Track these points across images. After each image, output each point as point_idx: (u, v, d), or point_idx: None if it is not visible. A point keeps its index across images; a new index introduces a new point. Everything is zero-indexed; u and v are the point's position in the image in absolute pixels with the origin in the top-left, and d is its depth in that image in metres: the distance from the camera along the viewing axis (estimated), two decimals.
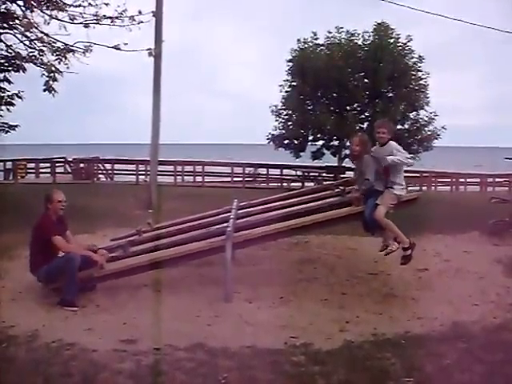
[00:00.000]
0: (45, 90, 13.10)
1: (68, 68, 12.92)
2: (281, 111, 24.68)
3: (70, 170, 27.81)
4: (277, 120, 24.77)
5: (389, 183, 6.25)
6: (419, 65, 23.47)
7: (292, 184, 24.27)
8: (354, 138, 6.72)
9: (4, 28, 13.24)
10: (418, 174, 26.81)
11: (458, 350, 4.63)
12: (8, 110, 15.59)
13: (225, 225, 6.65)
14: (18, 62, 13.76)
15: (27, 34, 12.69)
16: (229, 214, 7.34)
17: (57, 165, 27.32)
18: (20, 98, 15.46)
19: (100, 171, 27.67)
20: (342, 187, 7.59)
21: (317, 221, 6.66)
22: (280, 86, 24.78)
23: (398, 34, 23.30)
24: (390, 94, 23.58)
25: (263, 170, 27.48)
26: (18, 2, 12.69)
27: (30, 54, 13.21)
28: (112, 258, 6.72)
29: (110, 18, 12.71)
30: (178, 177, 25.57)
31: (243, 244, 6.56)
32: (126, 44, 12.68)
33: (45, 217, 6.26)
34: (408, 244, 6.14)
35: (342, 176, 22.30)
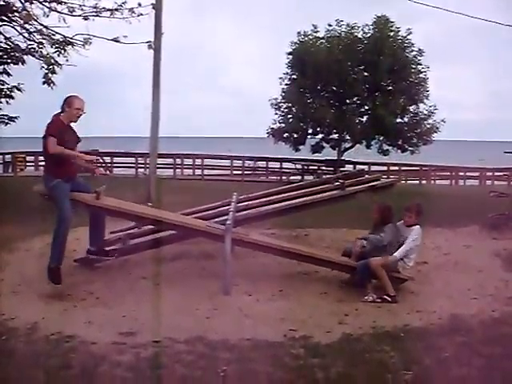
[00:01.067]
0: (44, 83, 13.07)
1: (67, 60, 12.90)
2: (280, 104, 24.64)
3: None
4: (276, 113, 24.75)
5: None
6: (419, 58, 23.44)
7: (291, 177, 24.27)
8: (374, 206, 6.59)
9: (3, 20, 13.19)
10: (417, 168, 26.84)
11: (457, 343, 4.65)
12: (7, 102, 15.56)
13: (224, 218, 6.65)
14: (17, 55, 13.72)
15: (26, 26, 12.66)
16: (228, 207, 7.34)
17: None
18: (19, 90, 15.41)
19: (99, 164, 27.62)
20: (341, 180, 7.59)
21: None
22: (280, 78, 24.77)
23: (398, 28, 23.27)
24: (390, 88, 23.53)
25: (263, 164, 27.46)
26: None
27: (29, 47, 13.17)
28: (112, 250, 6.76)
29: (110, 10, 12.68)
30: (178, 170, 25.54)
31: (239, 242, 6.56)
32: (125, 37, 12.67)
33: (56, 119, 5.99)
34: (393, 294, 5.95)
35: (342, 169, 22.32)
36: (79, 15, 12.55)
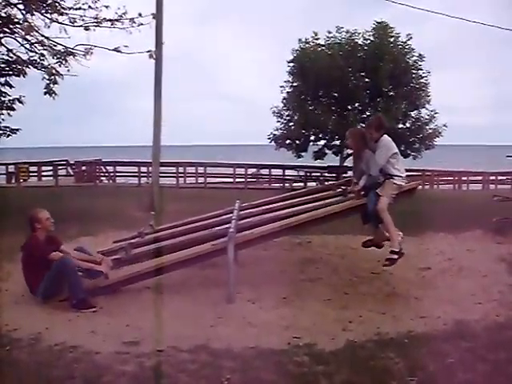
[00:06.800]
0: (45, 94, 13.13)
1: (68, 71, 12.95)
2: (282, 112, 24.71)
3: (72, 173, 27.90)
4: (278, 121, 24.80)
5: (388, 174, 6.27)
6: (419, 63, 23.48)
7: (294, 184, 24.27)
8: (346, 133, 6.83)
9: (5, 32, 13.25)
10: (420, 173, 26.81)
11: (461, 348, 4.62)
12: (9, 114, 15.63)
13: (227, 226, 6.64)
14: (18, 67, 13.78)
15: (28, 37, 12.72)
16: (231, 214, 7.34)
17: (59, 168, 27.35)
18: (21, 102, 15.49)
19: (102, 173, 27.72)
20: (343, 187, 7.59)
21: (314, 217, 6.68)
22: (281, 86, 24.85)
23: (398, 33, 23.33)
24: (391, 93, 23.58)
25: (265, 171, 27.49)
26: (19, 6, 12.71)
27: (31, 58, 13.24)
28: (115, 260, 6.76)
29: (110, 20, 12.72)
30: (181, 178, 25.58)
31: (244, 245, 6.55)
32: (126, 46, 12.71)
33: (34, 238, 6.20)
34: (397, 249, 6.02)
35: (344, 175, 22.31)
36: (80, 26, 12.59)
